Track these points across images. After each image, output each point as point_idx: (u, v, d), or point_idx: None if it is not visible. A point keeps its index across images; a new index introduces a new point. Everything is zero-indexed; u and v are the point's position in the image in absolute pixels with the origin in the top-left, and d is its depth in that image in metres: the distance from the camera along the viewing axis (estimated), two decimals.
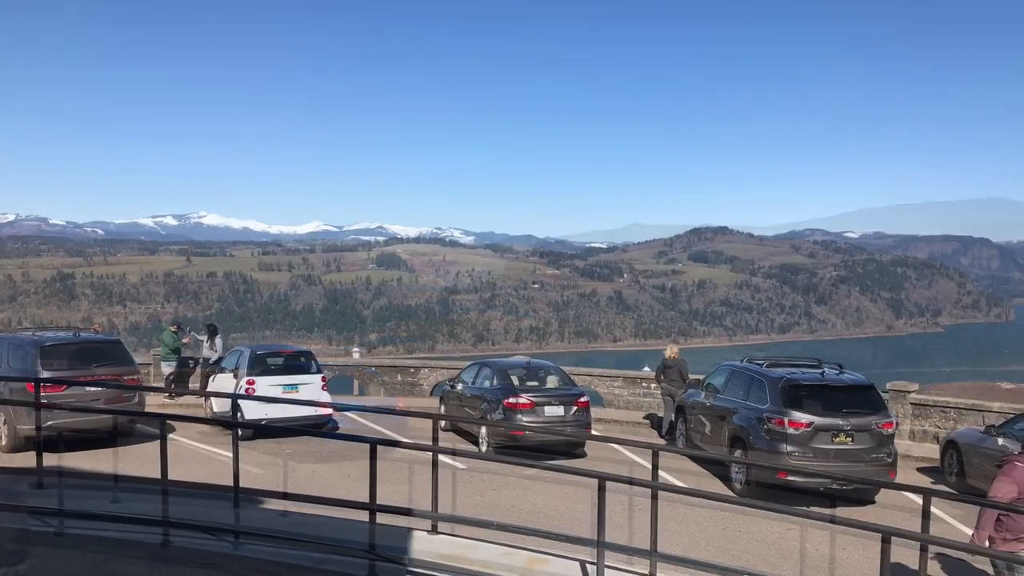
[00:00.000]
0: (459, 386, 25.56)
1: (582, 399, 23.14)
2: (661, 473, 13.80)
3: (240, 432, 14.81)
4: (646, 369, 37.06)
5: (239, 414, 22.23)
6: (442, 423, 25.12)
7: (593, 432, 23.43)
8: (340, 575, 10.30)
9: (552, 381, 23.92)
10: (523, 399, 22.36)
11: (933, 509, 11.12)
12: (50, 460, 17.00)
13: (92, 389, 20.95)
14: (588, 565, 10.65)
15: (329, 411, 24.06)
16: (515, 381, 23.33)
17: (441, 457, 13.72)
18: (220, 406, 24.87)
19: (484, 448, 22.67)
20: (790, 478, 17.77)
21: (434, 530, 11.76)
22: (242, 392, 23.11)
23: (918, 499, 13.93)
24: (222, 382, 25.32)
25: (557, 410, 22.53)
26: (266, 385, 23.82)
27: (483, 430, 22.93)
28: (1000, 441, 18.75)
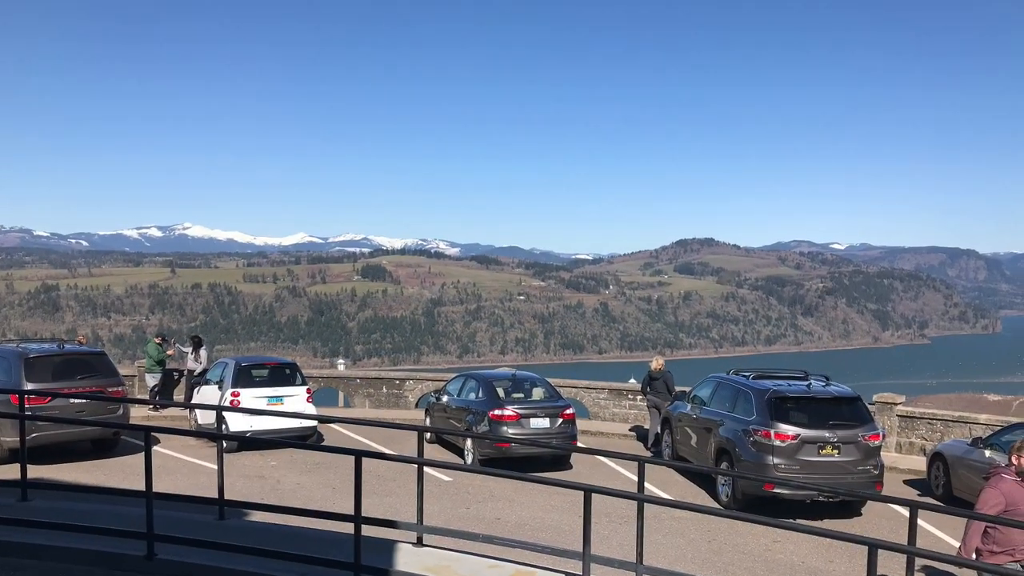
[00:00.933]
0: (444, 398, 25.52)
1: (568, 411, 23.08)
2: (647, 485, 13.77)
3: (225, 444, 14.75)
4: (632, 381, 37.02)
5: (224, 426, 22.12)
6: (427, 435, 25.12)
7: (579, 444, 23.38)
8: None
9: (538, 393, 23.87)
10: (508, 411, 22.31)
11: (920, 521, 11.10)
12: (35, 472, 16.93)
13: (77, 401, 20.85)
14: None
15: (314, 423, 24.01)
16: (500, 393, 23.29)
17: (427, 469, 13.68)
18: (205, 418, 24.78)
19: (470, 460, 22.60)
20: (776, 490, 17.74)
21: (419, 542, 11.71)
22: (227, 404, 23.01)
23: (905, 511, 13.94)
24: (207, 394, 25.23)
25: (543, 422, 22.48)
26: (251, 397, 23.74)
27: (468, 442, 22.87)
28: (987, 453, 18.75)
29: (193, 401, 27.10)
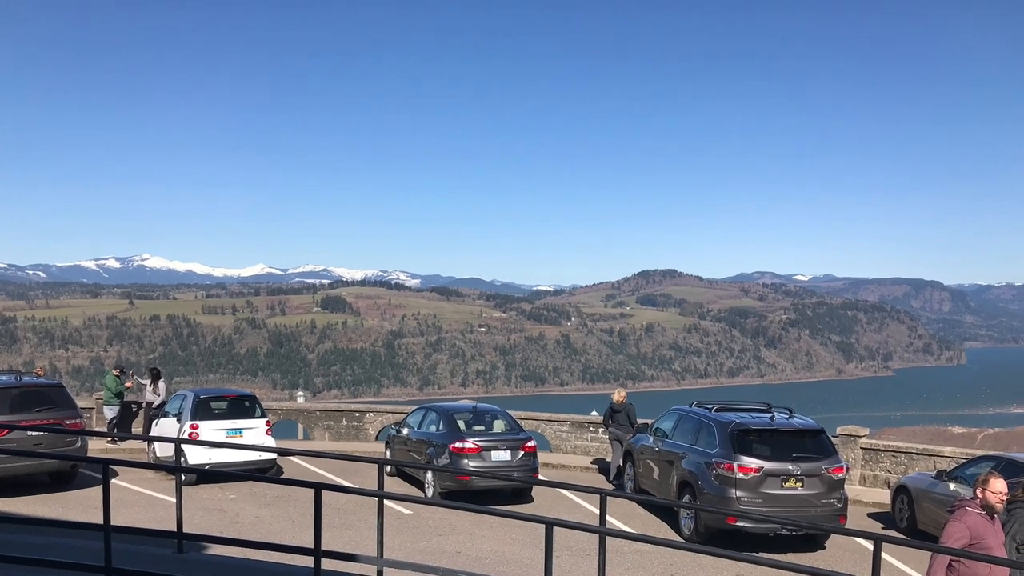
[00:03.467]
0: (405, 431, 25.37)
1: (529, 444, 22.99)
2: (609, 518, 13.71)
3: (183, 477, 14.57)
4: (594, 413, 37.00)
5: (182, 459, 21.88)
6: (388, 468, 24.95)
7: (540, 477, 23.28)
8: None
9: (499, 426, 23.79)
10: (469, 444, 22.18)
11: (884, 555, 11.07)
12: None
13: (34, 434, 20.59)
14: None
15: (274, 456, 23.83)
16: (461, 426, 23.18)
17: (387, 502, 13.56)
18: (163, 451, 24.56)
19: (430, 493, 22.46)
20: (739, 524, 17.68)
21: None
22: (185, 436, 22.79)
23: (869, 545, 13.90)
24: (165, 426, 25.02)
25: (504, 455, 22.38)
26: (210, 430, 23.51)
27: (429, 475, 22.72)
28: (951, 486, 18.78)
29: (151, 434, 26.86)
